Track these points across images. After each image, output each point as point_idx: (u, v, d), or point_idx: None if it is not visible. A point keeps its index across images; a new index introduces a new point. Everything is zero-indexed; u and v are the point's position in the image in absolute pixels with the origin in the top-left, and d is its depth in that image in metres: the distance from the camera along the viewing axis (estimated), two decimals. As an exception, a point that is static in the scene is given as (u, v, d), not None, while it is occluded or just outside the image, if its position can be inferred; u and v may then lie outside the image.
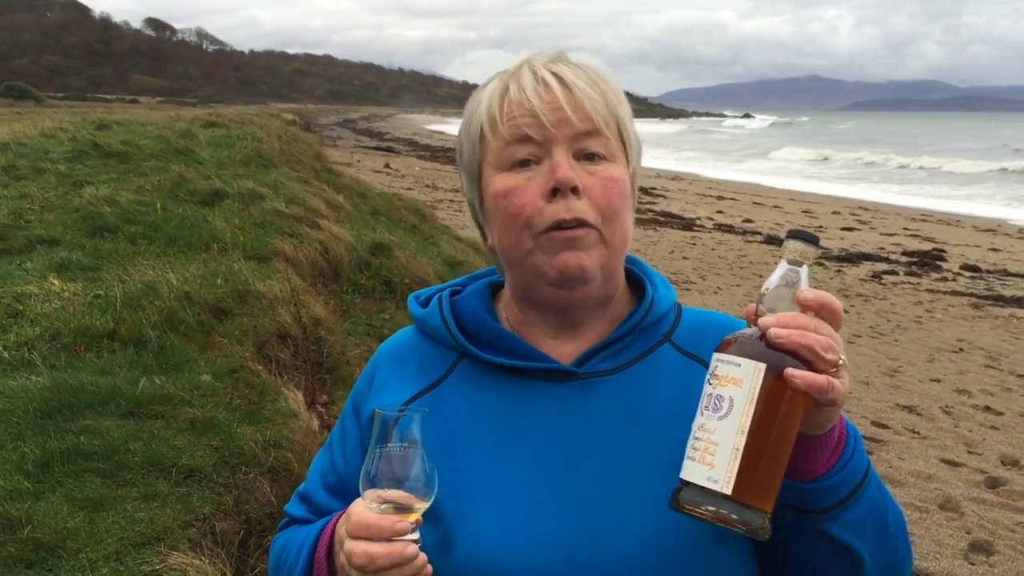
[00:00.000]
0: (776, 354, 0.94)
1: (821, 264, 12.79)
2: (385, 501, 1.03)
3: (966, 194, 26.51)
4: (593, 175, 1.12)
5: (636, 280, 1.27)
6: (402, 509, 1.03)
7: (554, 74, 1.13)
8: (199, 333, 5.00)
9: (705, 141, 69.63)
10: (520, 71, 1.15)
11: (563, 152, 1.11)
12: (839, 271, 12.33)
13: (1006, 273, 12.73)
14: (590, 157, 1.13)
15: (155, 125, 21.55)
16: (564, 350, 1.20)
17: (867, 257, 13.63)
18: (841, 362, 0.95)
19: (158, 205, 8.66)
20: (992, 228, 18.30)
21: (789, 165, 40.01)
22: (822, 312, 0.97)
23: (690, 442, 0.98)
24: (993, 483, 5.11)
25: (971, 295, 11.04)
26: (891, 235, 16.40)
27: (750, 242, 14.73)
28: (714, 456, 0.95)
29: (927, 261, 13.39)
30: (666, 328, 1.23)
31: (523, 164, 1.13)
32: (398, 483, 1.02)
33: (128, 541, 2.87)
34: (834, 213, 19.70)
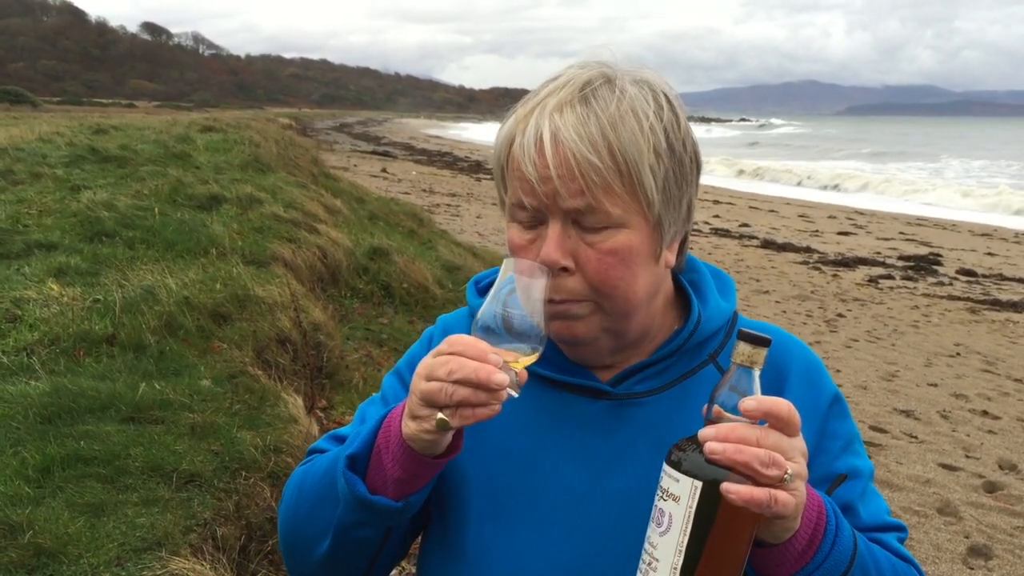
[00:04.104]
0: (714, 468, 0.90)
1: (818, 269, 12.82)
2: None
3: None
4: (592, 247, 1.05)
5: (688, 296, 1.21)
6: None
7: (554, 133, 1.03)
8: (198, 338, 4.99)
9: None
10: (530, 117, 1.07)
11: (558, 224, 1.05)
12: (835, 275, 12.35)
13: (1002, 277, 12.77)
14: (591, 227, 1.05)
15: (152, 130, 21.57)
16: (608, 369, 1.17)
17: (863, 261, 13.66)
18: (787, 475, 0.89)
19: (156, 210, 8.66)
20: (988, 233, 18.35)
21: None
22: (768, 420, 0.91)
23: (642, 552, 0.96)
24: (991, 487, 5.12)
25: (968, 299, 11.07)
26: (887, 239, 16.44)
27: (747, 246, 14.75)
28: (655, 572, 0.93)
29: (923, 265, 13.42)
30: (713, 348, 1.18)
31: (527, 221, 1.09)
32: (509, 333, 0.99)
33: (129, 546, 2.87)
34: (830, 218, 19.75)
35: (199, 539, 3.01)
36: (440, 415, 0.97)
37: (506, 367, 0.97)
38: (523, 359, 1.00)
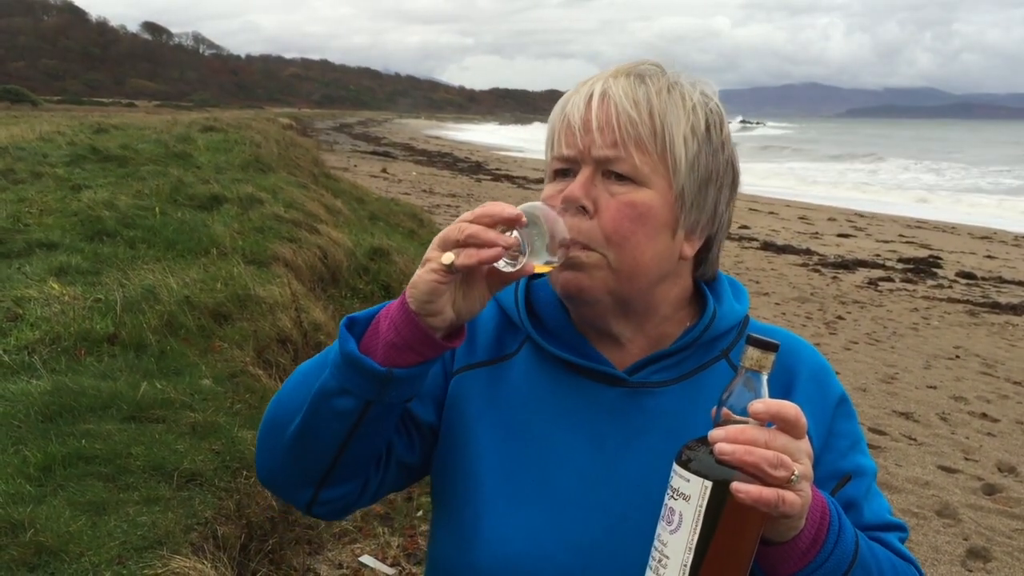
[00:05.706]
0: (723, 469, 0.93)
1: (817, 271, 12.83)
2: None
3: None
4: (613, 196, 1.11)
5: (704, 294, 1.25)
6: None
7: (604, 90, 1.12)
8: (199, 337, 5.01)
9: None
10: (586, 84, 1.15)
11: (589, 170, 1.11)
12: (835, 278, 12.36)
13: (1002, 280, 12.78)
14: (618, 177, 1.11)
15: (153, 129, 21.59)
16: (622, 356, 1.20)
17: (863, 264, 13.67)
18: (794, 477, 0.93)
19: (157, 209, 8.68)
20: (988, 236, 18.36)
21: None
22: (776, 423, 0.94)
23: (651, 550, 0.98)
24: (990, 490, 5.13)
25: (967, 302, 11.08)
26: (887, 242, 16.45)
27: (746, 248, 14.77)
28: (665, 569, 0.95)
29: (923, 268, 13.43)
30: (725, 344, 1.21)
31: (563, 174, 1.15)
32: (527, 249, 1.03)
33: (130, 545, 2.88)
34: (830, 220, 19.77)
35: (200, 538, 3.02)
36: (448, 254, 1.00)
37: (526, 234, 1.00)
38: (539, 265, 1.04)
